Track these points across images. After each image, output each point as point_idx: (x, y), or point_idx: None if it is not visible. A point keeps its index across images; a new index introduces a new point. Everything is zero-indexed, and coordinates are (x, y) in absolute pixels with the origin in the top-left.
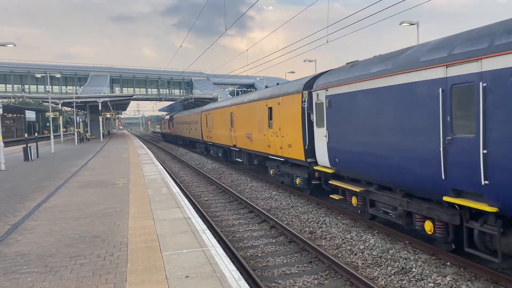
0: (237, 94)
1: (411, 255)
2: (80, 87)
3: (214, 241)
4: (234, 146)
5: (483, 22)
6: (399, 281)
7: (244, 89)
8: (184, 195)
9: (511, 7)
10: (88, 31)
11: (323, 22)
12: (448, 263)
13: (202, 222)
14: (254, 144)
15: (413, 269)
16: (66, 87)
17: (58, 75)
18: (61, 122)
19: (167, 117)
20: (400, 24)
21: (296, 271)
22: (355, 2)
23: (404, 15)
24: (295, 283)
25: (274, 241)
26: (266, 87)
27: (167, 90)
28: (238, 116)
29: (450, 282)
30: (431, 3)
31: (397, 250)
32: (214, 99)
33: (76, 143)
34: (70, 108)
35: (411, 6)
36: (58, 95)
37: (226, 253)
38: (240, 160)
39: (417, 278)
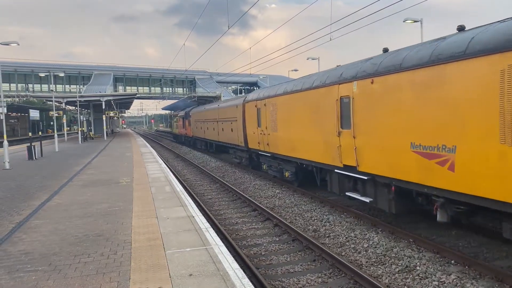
0: (240, 92)
1: (415, 253)
2: (83, 86)
3: (217, 239)
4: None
5: (485, 19)
6: (403, 280)
7: (247, 87)
8: (187, 194)
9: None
10: (91, 31)
11: (326, 19)
12: (452, 261)
13: (206, 221)
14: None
15: (417, 267)
16: (70, 86)
17: (62, 74)
18: (65, 121)
19: (181, 113)
20: (403, 21)
21: (300, 270)
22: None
23: (408, 12)
24: (299, 281)
25: (277, 239)
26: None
27: (170, 88)
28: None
29: (455, 280)
30: (436, 1)
31: (401, 248)
32: (217, 98)
33: (80, 141)
34: (74, 107)
35: (415, 3)
36: (61, 94)
37: (230, 251)
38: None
39: (422, 277)
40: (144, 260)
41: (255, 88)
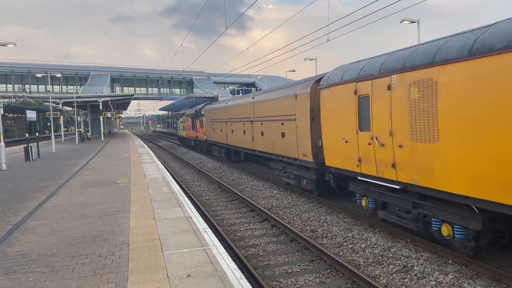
0: (238, 93)
1: (413, 253)
2: (80, 87)
3: (215, 240)
4: None
5: (484, 19)
6: (401, 280)
7: (245, 88)
8: (185, 194)
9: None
10: (88, 31)
11: (324, 20)
12: (450, 261)
13: (203, 221)
14: None
15: (415, 267)
16: (67, 87)
17: (59, 75)
18: (62, 122)
19: (189, 111)
20: (400, 22)
21: (298, 270)
22: (354, 0)
23: (405, 13)
24: (297, 282)
25: (275, 240)
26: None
27: (168, 89)
28: None
29: (452, 280)
30: (433, 1)
31: (399, 249)
32: (215, 98)
33: (77, 142)
34: (71, 108)
35: (412, 3)
36: (59, 95)
37: (228, 252)
38: None
39: (419, 277)
40: (142, 261)
41: (252, 89)
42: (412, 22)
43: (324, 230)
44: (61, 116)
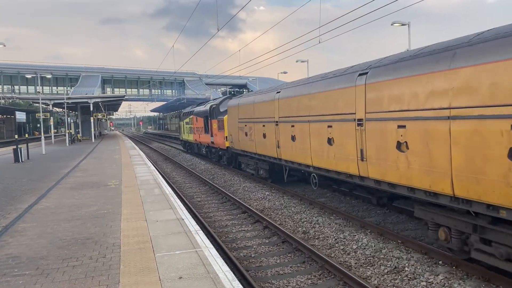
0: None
1: (404, 254)
2: (71, 88)
3: (207, 242)
4: None
5: (472, 23)
6: (392, 280)
7: (237, 89)
8: (176, 196)
9: (499, 7)
10: (78, 33)
11: (315, 22)
12: (440, 262)
13: (195, 223)
14: None
15: (406, 268)
16: (57, 88)
17: (49, 76)
18: (52, 123)
19: (200, 109)
20: (391, 24)
21: (290, 271)
22: (345, 3)
23: (395, 16)
24: (289, 283)
25: (267, 241)
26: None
27: (159, 90)
28: None
29: (443, 280)
30: (422, 4)
31: (390, 250)
32: (207, 100)
33: (67, 144)
34: (61, 109)
35: (403, 6)
36: (49, 96)
37: (220, 254)
38: None
39: (410, 277)
40: (133, 263)
41: (244, 90)
42: (403, 24)
43: (316, 232)
44: (51, 117)
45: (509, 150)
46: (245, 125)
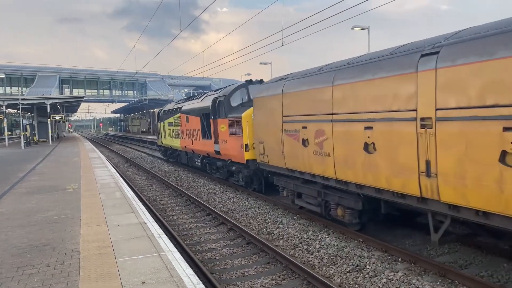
0: (193, 95)
1: (365, 253)
2: (26, 88)
3: (171, 245)
4: None
5: (427, 28)
6: (354, 278)
7: (200, 90)
8: (139, 200)
9: (452, 13)
10: (34, 30)
11: (278, 25)
12: (399, 259)
13: (158, 227)
14: None
15: (367, 266)
16: (11, 88)
17: (2, 75)
18: (5, 125)
19: (195, 104)
20: (352, 28)
21: (254, 273)
22: (307, 7)
23: (356, 20)
24: (254, 284)
25: (232, 243)
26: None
27: (120, 91)
28: None
29: (402, 277)
30: (382, 10)
31: (352, 248)
32: (169, 101)
33: (23, 147)
34: (16, 110)
35: (363, 11)
36: (2, 97)
37: (184, 257)
38: None
39: (371, 275)
40: (94, 269)
41: (208, 91)
42: (363, 29)
43: (280, 232)
44: (5, 119)
45: None
46: (303, 127)
